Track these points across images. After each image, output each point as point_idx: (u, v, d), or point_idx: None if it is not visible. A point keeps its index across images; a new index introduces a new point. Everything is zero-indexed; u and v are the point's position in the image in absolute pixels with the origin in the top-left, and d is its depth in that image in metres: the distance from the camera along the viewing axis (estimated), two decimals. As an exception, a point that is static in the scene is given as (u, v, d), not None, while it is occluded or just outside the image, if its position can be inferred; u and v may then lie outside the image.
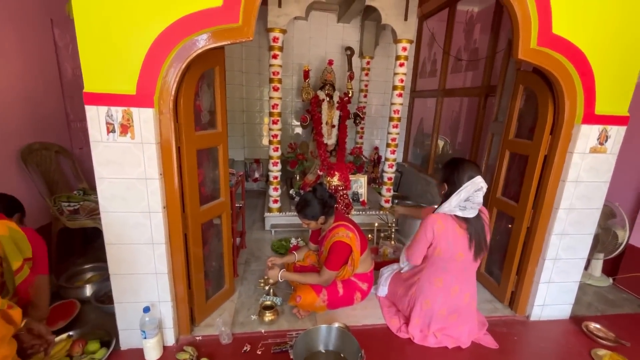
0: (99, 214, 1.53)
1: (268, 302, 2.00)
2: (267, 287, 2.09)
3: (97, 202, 1.53)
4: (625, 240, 2.36)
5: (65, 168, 2.55)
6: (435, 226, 1.66)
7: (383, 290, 2.18)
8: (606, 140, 1.80)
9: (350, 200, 3.28)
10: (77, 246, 2.62)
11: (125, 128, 1.44)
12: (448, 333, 1.83)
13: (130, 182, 1.50)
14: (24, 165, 2.15)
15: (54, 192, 2.33)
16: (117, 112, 1.41)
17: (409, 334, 1.86)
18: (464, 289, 1.80)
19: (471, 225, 1.66)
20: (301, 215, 2.00)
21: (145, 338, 1.60)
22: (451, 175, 1.66)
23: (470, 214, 1.63)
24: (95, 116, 1.41)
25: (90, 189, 2.55)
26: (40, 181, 2.21)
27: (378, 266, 2.38)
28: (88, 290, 2.10)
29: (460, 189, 1.60)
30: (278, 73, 2.88)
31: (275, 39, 2.79)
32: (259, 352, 1.72)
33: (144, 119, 1.44)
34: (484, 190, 1.58)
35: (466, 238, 1.65)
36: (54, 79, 2.53)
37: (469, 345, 1.84)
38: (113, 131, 1.43)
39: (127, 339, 1.70)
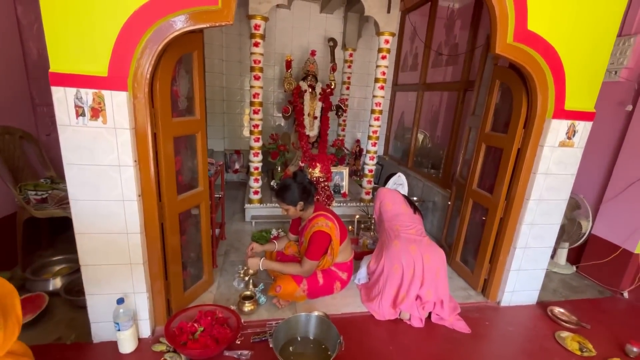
0: (69, 203, 1.46)
1: (247, 293, 1.99)
2: (246, 278, 2.08)
3: (66, 191, 1.45)
4: (589, 230, 2.51)
5: (30, 155, 2.41)
6: (380, 192, 2.36)
7: (362, 278, 2.23)
8: (574, 135, 1.89)
9: (332, 192, 3.29)
10: (44, 237, 2.49)
11: (97, 112, 1.37)
12: (421, 298, 1.95)
13: (102, 169, 1.43)
14: (-17, 151, 2.01)
15: (19, 180, 2.20)
16: (87, 94, 1.33)
17: (384, 303, 1.96)
18: (422, 250, 1.96)
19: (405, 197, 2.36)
20: (280, 200, 1.99)
21: (119, 330, 1.55)
22: (389, 177, 2.53)
23: (402, 191, 2.40)
24: (62, 98, 1.33)
25: (58, 177, 2.42)
26: (3, 168, 2.07)
27: (358, 256, 2.42)
28: (57, 283, 2.00)
29: (392, 179, 2.48)
30: (259, 62, 2.82)
31: (256, 27, 2.73)
32: (238, 342, 1.71)
33: (117, 102, 1.37)
34: (402, 177, 2.47)
35: (403, 199, 2.30)
36: (17, 60, 2.36)
37: (444, 330, 1.91)
38: (83, 115, 1.36)
39: (100, 331, 1.64)
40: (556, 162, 1.92)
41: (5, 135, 2.18)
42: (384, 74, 3.03)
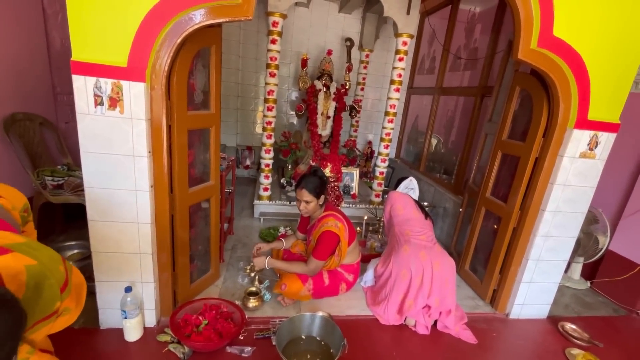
0: (83, 190, 1.49)
1: (253, 289, 1.99)
2: (252, 274, 2.08)
3: (82, 178, 1.48)
4: (606, 246, 2.43)
5: (49, 141, 2.47)
6: (391, 195, 2.32)
7: (369, 281, 2.21)
8: (596, 146, 1.83)
9: (341, 192, 3.28)
10: (58, 222, 2.54)
11: (115, 102, 1.38)
12: (428, 303, 1.91)
13: (117, 158, 1.45)
14: (5, 135, 2.06)
15: (37, 165, 2.25)
16: (107, 84, 1.35)
17: (390, 309, 1.93)
18: (432, 258, 1.92)
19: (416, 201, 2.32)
20: (304, 189, 1.91)
21: (125, 318, 1.58)
22: (400, 181, 2.43)
23: (414, 195, 2.37)
24: (82, 87, 1.35)
25: (74, 164, 2.48)
26: (22, 153, 2.13)
27: (365, 259, 2.39)
28: (68, 268, 2.05)
29: (404, 183, 2.40)
30: (276, 59, 2.82)
31: (274, 24, 2.73)
32: (241, 338, 1.71)
33: (135, 93, 1.39)
34: (414, 182, 2.41)
35: (414, 204, 2.27)
36: (41, 49, 2.42)
37: (449, 339, 1.88)
38: (101, 104, 1.38)
39: (107, 318, 1.67)
40: (575, 173, 1.86)
41: (26, 121, 2.24)
42: (400, 76, 2.99)
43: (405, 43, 2.91)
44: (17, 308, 0.77)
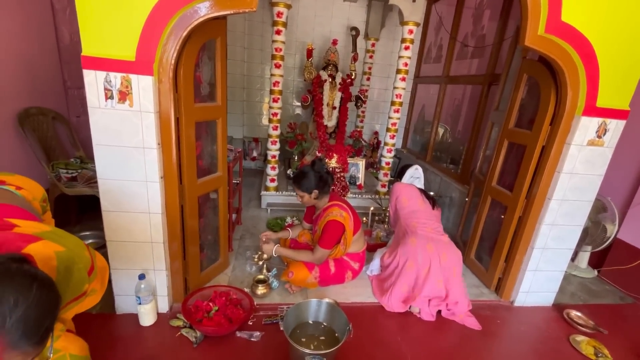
0: (97, 182, 1.54)
1: (261, 276, 2.05)
2: (260, 262, 2.13)
3: (94, 171, 1.53)
4: (614, 234, 2.41)
5: (61, 135, 2.53)
6: (396, 187, 2.31)
7: (375, 270, 2.24)
8: (604, 134, 1.80)
9: (347, 182, 3.30)
10: (73, 214, 2.63)
11: (124, 95, 1.42)
12: (435, 295, 1.94)
13: (128, 150, 1.50)
14: (20, 129, 2.13)
15: (50, 158, 2.32)
16: (116, 78, 1.39)
17: (394, 298, 1.96)
18: (439, 249, 1.94)
19: (422, 191, 2.33)
20: (296, 186, 2.01)
21: (140, 304, 1.65)
22: (404, 169, 2.54)
23: (419, 184, 2.38)
24: (93, 81, 1.39)
25: (87, 157, 2.54)
26: (37, 146, 2.20)
27: (371, 248, 2.43)
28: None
29: (409, 172, 2.42)
30: (281, 50, 2.82)
31: (279, 14, 2.72)
32: (250, 323, 1.77)
33: (143, 86, 1.42)
34: (420, 170, 2.41)
35: (420, 194, 2.26)
36: (50, 43, 2.47)
37: (454, 325, 1.91)
38: (111, 97, 1.41)
39: (123, 304, 1.74)
40: (583, 161, 1.84)
41: (40, 116, 2.31)
42: (406, 65, 2.97)
43: (411, 31, 2.87)
44: (55, 289, 0.84)
